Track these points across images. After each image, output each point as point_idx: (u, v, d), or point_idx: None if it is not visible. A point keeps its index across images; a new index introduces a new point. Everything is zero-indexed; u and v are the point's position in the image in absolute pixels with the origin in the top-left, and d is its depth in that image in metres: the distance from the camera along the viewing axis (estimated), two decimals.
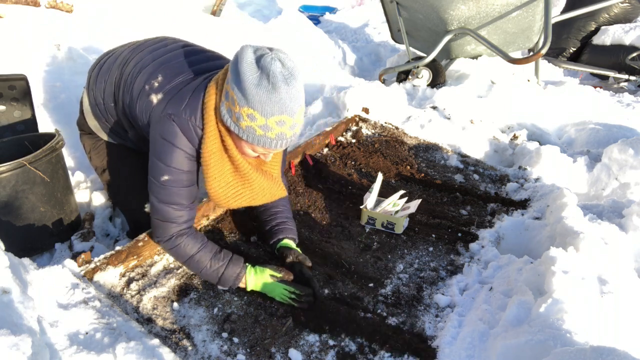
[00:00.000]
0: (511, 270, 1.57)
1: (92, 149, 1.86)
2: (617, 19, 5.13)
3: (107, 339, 1.16)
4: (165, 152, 1.40)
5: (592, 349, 0.97)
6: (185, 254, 1.49)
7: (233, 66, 1.25)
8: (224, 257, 1.51)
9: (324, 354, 1.35)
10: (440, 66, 3.80)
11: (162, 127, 1.40)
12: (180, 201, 1.46)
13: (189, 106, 1.38)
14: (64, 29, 3.04)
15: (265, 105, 1.22)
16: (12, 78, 1.98)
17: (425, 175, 2.39)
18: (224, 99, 1.30)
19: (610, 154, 2.39)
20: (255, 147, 1.35)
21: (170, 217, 1.46)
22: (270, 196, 1.60)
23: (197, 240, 1.51)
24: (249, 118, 1.25)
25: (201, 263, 1.49)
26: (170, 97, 1.42)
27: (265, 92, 1.20)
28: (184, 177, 1.44)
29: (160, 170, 1.42)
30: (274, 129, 1.27)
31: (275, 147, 1.33)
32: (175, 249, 1.50)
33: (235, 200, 1.52)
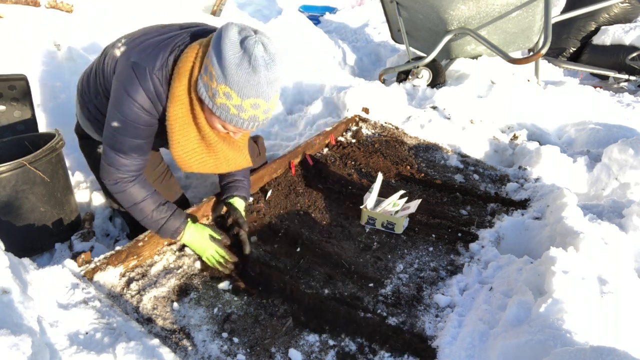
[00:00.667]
0: (511, 270, 1.57)
1: (90, 155, 1.87)
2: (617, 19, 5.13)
3: (107, 339, 1.16)
4: (119, 100, 1.39)
5: (592, 349, 0.97)
6: (129, 200, 1.52)
7: (216, 42, 1.26)
8: (167, 209, 1.56)
9: (324, 354, 1.35)
10: (440, 66, 3.80)
11: (122, 73, 1.38)
12: (128, 151, 1.46)
13: (155, 58, 1.36)
14: (64, 29, 3.04)
15: (243, 87, 1.24)
16: (12, 78, 1.98)
17: (425, 175, 2.39)
18: (203, 72, 1.31)
19: (610, 154, 2.39)
20: (226, 124, 1.38)
21: (115, 164, 1.47)
22: (234, 166, 1.62)
23: (143, 189, 1.54)
24: (225, 96, 1.27)
25: (144, 212, 1.53)
26: (134, 46, 1.41)
27: (245, 73, 1.22)
28: (133, 130, 1.43)
29: (111, 115, 1.42)
30: (248, 110, 1.29)
31: (246, 128, 1.36)
32: (120, 194, 1.52)
33: (198, 167, 1.53)
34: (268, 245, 1.79)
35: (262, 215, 1.95)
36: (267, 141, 2.92)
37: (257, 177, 2.11)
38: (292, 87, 3.92)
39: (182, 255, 1.69)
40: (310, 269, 1.68)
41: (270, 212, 1.98)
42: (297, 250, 1.77)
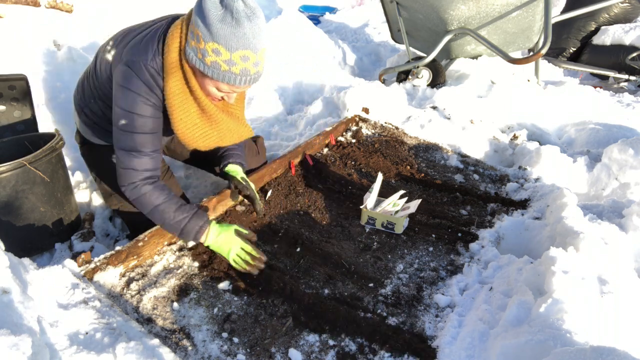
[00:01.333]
0: (511, 270, 1.57)
1: (90, 158, 1.87)
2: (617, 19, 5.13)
3: (107, 339, 1.16)
4: (122, 97, 1.42)
5: (592, 349, 0.97)
6: (149, 203, 1.50)
7: (197, 6, 1.31)
8: (189, 209, 1.54)
9: (324, 354, 1.35)
10: (440, 66, 3.80)
11: (119, 74, 1.43)
12: (140, 148, 1.47)
13: (146, 51, 1.41)
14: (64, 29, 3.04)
15: (229, 40, 1.27)
16: (12, 78, 1.98)
17: (425, 175, 2.39)
18: (190, 38, 1.35)
19: (610, 154, 2.39)
20: (219, 84, 1.39)
21: (131, 165, 1.47)
22: (238, 136, 1.64)
23: (162, 192, 1.52)
24: (214, 53, 1.30)
25: (165, 213, 1.50)
26: (123, 46, 1.45)
27: (229, 27, 1.26)
28: (141, 122, 1.45)
29: (118, 115, 1.44)
30: (238, 64, 1.32)
31: (239, 84, 1.37)
32: (139, 198, 1.50)
33: (203, 140, 1.55)
34: (268, 245, 1.79)
35: (262, 215, 1.95)
36: (267, 141, 2.92)
37: (257, 177, 2.11)
38: (292, 87, 3.92)
39: (182, 255, 1.69)
40: (310, 269, 1.68)
41: (270, 212, 1.98)
42: (297, 250, 1.77)
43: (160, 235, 1.68)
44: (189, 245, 1.74)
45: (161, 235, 1.69)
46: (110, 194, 1.86)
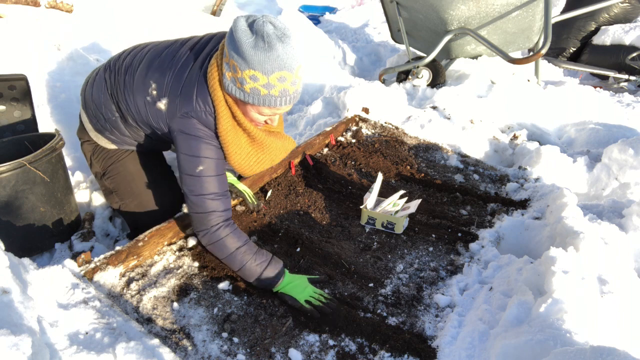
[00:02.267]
0: (511, 270, 1.57)
1: (92, 155, 1.86)
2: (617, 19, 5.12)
3: (107, 339, 1.16)
4: (192, 146, 1.47)
5: (592, 349, 0.97)
6: (229, 247, 1.51)
7: (229, 38, 1.33)
8: (265, 254, 1.55)
9: (324, 354, 1.35)
10: (440, 66, 3.80)
11: (182, 126, 1.47)
12: (215, 190, 1.50)
13: (198, 98, 1.46)
14: (64, 29, 3.04)
15: (264, 64, 1.29)
16: (12, 78, 1.98)
17: (425, 175, 2.39)
18: (226, 70, 1.38)
19: (610, 154, 2.39)
20: (261, 108, 1.42)
21: (209, 208, 1.49)
22: (284, 152, 1.69)
23: (240, 236, 1.54)
24: (251, 79, 1.32)
25: (245, 257, 1.50)
26: (175, 96, 1.49)
27: (262, 51, 1.28)
28: (214, 165, 1.50)
29: (192, 163, 1.48)
30: (276, 86, 1.34)
31: (280, 105, 1.39)
32: (218, 242, 1.51)
33: (258, 166, 1.61)
34: (268, 245, 1.79)
35: (262, 215, 1.95)
36: None
37: (257, 177, 2.11)
38: None
39: (182, 255, 1.69)
40: (310, 269, 1.68)
41: (270, 212, 1.98)
42: (297, 250, 1.77)
43: (160, 235, 1.68)
44: (189, 245, 1.74)
45: (161, 235, 1.69)
46: (111, 192, 1.86)
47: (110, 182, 1.84)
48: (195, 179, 1.48)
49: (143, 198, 1.81)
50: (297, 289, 1.52)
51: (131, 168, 1.82)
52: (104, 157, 1.83)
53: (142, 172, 1.83)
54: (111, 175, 1.83)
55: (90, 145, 1.86)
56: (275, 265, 1.53)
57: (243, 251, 1.51)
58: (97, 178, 1.92)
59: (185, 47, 1.58)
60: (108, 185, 1.85)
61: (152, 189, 1.83)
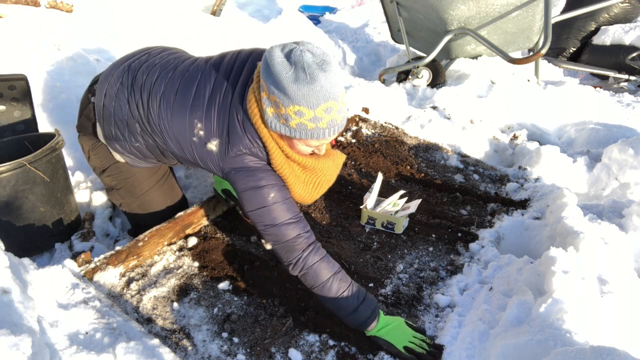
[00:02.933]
0: (511, 270, 1.57)
1: (91, 149, 1.80)
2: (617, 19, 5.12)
3: (107, 339, 1.16)
4: (252, 178, 1.39)
5: (592, 349, 0.97)
6: (324, 273, 1.38)
7: (265, 71, 1.24)
8: (359, 287, 1.43)
9: (324, 354, 1.35)
10: (440, 66, 3.80)
11: (236, 164, 1.40)
12: (289, 215, 1.41)
13: (246, 134, 1.39)
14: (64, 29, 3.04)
15: (309, 98, 1.21)
16: (12, 78, 1.98)
17: (425, 175, 2.39)
18: (266, 106, 1.29)
19: (610, 154, 2.39)
20: (308, 141, 1.34)
21: (291, 234, 1.40)
22: (337, 169, 1.61)
23: (333, 263, 1.43)
24: (297, 115, 1.24)
25: (341, 286, 1.38)
26: (224, 135, 1.41)
27: (305, 85, 1.19)
28: (279, 191, 1.42)
29: (258, 195, 1.39)
30: (323, 118, 1.26)
31: (328, 136, 1.32)
32: (312, 267, 1.38)
33: (317, 192, 1.53)
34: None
35: None
36: None
37: None
38: None
39: (182, 255, 1.69)
40: None
41: None
42: None
43: (160, 235, 1.68)
44: (189, 245, 1.74)
45: (161, 235, 1.69)
46: (112, 189, 1.84)
47: (111, 180, 1.82)
48: (266, 209, 1.39)
49: (145, 199, 1.81)
50: (395, 332, 1.39)
51: (133, 169, 1.80)
52: (104, 155, 1.79)
53: (144, 173, 1.81)
54: (112, 174, 1.80)
55: (90, 140, 1.79)
56: (371, 301, 1.40)
57: (339, 278, 1.38)
58: (95, 172, 1.86)
59: (220, 74, 1.47)
60: (109, 182, 1.83)
61: (155, 190, 1.82)
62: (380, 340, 1.38)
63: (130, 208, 1.83)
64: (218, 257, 1.71)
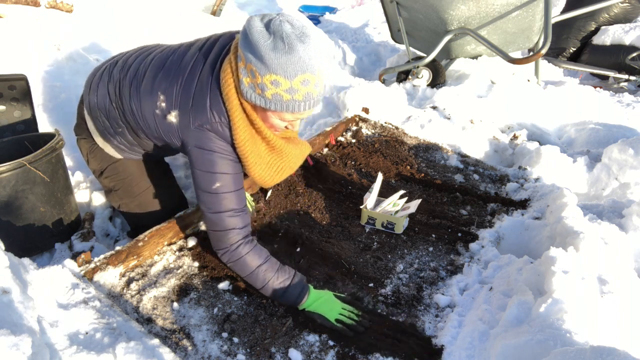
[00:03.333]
0: (511, 270, 1.57)
1: (89, 152, 1.82)
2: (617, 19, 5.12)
3: (107, 339, 1.16)
4: (208, 161, 1.39)
5: (592, 349, 0.97)
6: (250, 265, 1.44)
7: (244, 40, 1.24)
8: (288, 271, 1.48)
9: (324, 354, 1.35)
10: (440, 66, 3.80)
11: (196, 139, 1.39)
12: (233, 206, 1.43)
13: (212, 108, 1.38)
14: (64, 29, 3.04)
15: (286, 67, 1.20)
16: (12, 78, 1.98)
17: (425, 175, 2.39)
18: (243, 75, 1.28)
19: (610, 154, 2.39)
20: (283, 114, 1.33)
21: (228, 225, 1.42)
22: (302, 158, 1.63)
23: (261, 253, 1.47)
24: (273, 85, 1.23)
25: (267, 275, 1.44)
26: (187, 107, 1.40)
27: (283, 54, 1.18)
28: (232, 181, 1.43)
29: (209, 179, 1.40)
30: (300, 90, 1.25)
31: (303, 110, 1.31)
32: (240, 260, 1.44)
33: (279, 175, 1.55)
34: (268, 245, 1.79)
35: (262, 215, 1.95)
36: None
37: None
38: None
39: (182, 255, 1.69)
40: (310, 269, 1.68)
41: (270, 212, 1.98)
42: (297, 250, 1.77)
43: (160, 235, 1.68)
44: (189, 245, 1.74)
45: (161, 235, 1.69)
46: (111, 190, 1.85)
47: (109, 181, 1.82)
48: (213, 196, 1.41)
49: (143, 198, 1.81)
50: (325, 307, 1.46)
51: (131, 168, 1.81)
52: (102, 156, 1.81)
53: (142, 172, 1.81)
54: (110, 175, 1.81)
55: (87, 142, 1.81)
56: (299, 282, 1.47)
57: (264, 269, 1.44)
58: (94, 174, 1.89)
59: (192, 50, 1.48)
60: (107, 184, 1.84)
61: (153, 190, 1.83)
62: (314, 314, 1.45)
63: (129, 208, 1.83)
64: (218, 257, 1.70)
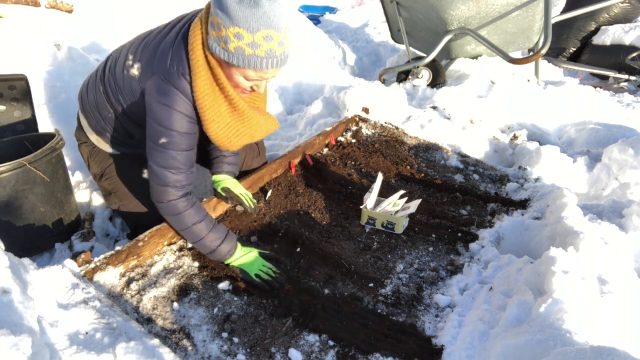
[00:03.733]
0: (511, 270, 1.57)
1: (89, 156, 1.86)
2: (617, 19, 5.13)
3: (107, 339, 1.16)
4: (162, 115, 1.41)
5: (592, 349, 0.97)
6: (186, 222, 1.52)
7: None
8: (222, 231, 1.58)
9: (324, 354, 1.35)
10: (440, 66, 3.80)
11: (155, 89, 1.40)
12: (178, 165, 1.46)
13: (173, 59, 1.40)
14: (64, 29, 3.04)
15: (249, 20, 1.23)
16: (12, 78, 1.98)
17: (425, 175, 2.39)
18: (210, 29, 1.32)
19: (610, 154, 2.39)
20: (246, 71, 1.35)
21: (168, 182, 1.47)
22: (266, 130, 1.63)
23: (199, 211, 1.55)
24: (236, 38, 1.26)
25: (201, 233, 1.53)
26: (150, 60, 1.43)
27: (247, 7, 1.22)
28: (182, 140, 1.44)
29: (158, 133, 1.42)
30: (262, 45, 1.27)
31: (266, 67, 1.32)
32: (177, 216, 1.51)
33: (237, 139, 1.54)
34: (268, 245, 1.79)
35: (262, 215, 1.95)
36: (267, 141, 2.92)
37: (257, 177, 2.11)
38: (292, 87, 3.92)
39: (182, 255, 1.69)
40: (310, 269, 1.68)
41: (270, 212, 1.98)
42: (297, 250, 1.77)
43: (160, 235, 1.68)
44: (189, 245, 1.74)
45: (161, 235, 1.69)
46: (110, 193, 1.85)
47: (109, 183, 1.83)
48: (159, 150, 1.43)
49: (143, 198, 1.81)
50: (247, 263, 1.58)
51: (130, 168, 1.82)
52: (101, 159, 1.83)
53: (141, 172, 1.82)
54: (110, 176, 1.82)
55: (87, 147, 1.85)
56: (230, 242, 1.57)
57: (199, 227, 1.52)
58: (95, 179, 1.91)
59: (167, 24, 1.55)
60: (107, 187, 1.85)
61: None
62: (237, 269, 1.58)
63: (129, 208, 1.83)
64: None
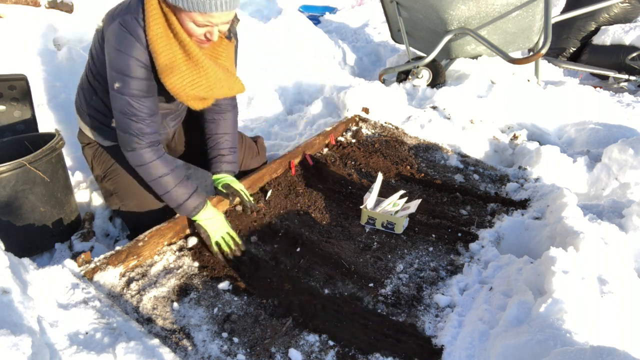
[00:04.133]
0: (511, 270, 1.57)
1: (93, 158, 1.88)
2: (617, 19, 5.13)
3: (107, 339, 1.16)
4: (117, 60, 1.43)
5: (592, 349, 0.97)
6: (154, 173, 1.57)
7: None
8: (190, 186, 1.62)
9: (324, 354, 1.35)
10: (440, 66, 3.80)
11: (113, 36, 1.43)
12: (135, 112, 1.49)
13: (131, 5, 1.43)
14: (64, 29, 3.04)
15: None
16: (12, 78, 1.98)
17: (425, 175, 2.39)
18: None
19: (610, 154, 2.39)
20: (193, 15, 1.36)
21: (130, 129, 1.50)
22: (228, 88, 1.60)
23: (166, 163, 1.58)
24: None
25: (167, 186, 1.58)
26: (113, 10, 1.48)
27: None
28: (135, 85, 1.46)
29: (112, 77, 1.46)
30: None
31: (211, 10, 1.33)
32: (145, 166, 1.55)
33: (191, 89, 1.50)
34: (268, 245, 1.79)
35: (262, 215, 1.95)
36: (267, 141, 2.92)
37: (257, 177, 2.11)
38: (292, 87, 3.92)
39: (182, 255, 1.69)
40: (310, 269, 1.68)
41: (270, 212, 1.98)
42: (297, 250, 1.77)
43: (160, 235, 1.68)
44: (189, 245, 1.74)
45: (161, 235, 1.69)
46: (111, 194, 1.86)
47: (111, 183, 1.84)
48: (117, 95, 1.46)
49: (143, 198, 1.81)
50: (213, 226, 1.63)
51: (131, 168, 1.82)
52: (105, 160, 1.84)
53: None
54: (112, 177, 1.83)
55: (91, 149, 1.87)
56: (197, 198, 1.61)
57: (166, 180, 1.56)
58: (97, 181, 1.92)
59: None
60: (108, 187, 1.86)
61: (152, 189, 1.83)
62: (201, 228, 1.64)
63: (129, 208, 1.83)
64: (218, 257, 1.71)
